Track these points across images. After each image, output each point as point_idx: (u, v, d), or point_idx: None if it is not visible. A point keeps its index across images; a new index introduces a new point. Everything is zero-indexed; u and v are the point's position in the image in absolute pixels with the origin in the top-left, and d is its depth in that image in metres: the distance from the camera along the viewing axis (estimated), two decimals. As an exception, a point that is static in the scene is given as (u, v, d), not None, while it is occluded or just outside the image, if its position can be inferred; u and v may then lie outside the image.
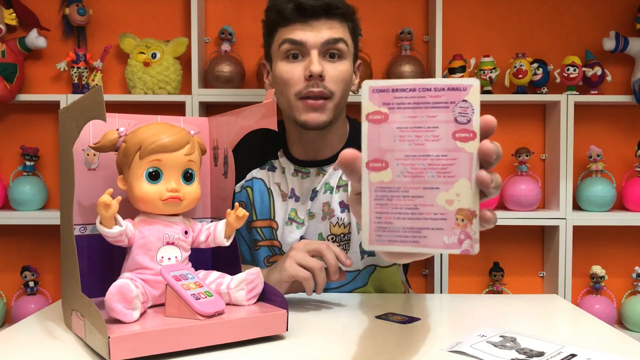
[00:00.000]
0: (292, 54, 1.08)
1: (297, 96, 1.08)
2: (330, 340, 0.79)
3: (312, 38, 1.06)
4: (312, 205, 1.15)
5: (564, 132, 1.73)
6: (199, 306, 0.73)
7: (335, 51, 1.08)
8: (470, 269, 1.90)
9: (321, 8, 1.06)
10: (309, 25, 1.07)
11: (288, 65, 1.08)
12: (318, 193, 1.15)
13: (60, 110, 0.84)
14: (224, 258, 0.94)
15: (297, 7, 1.06)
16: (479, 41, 1.88)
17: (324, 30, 1.07)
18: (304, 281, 0.92)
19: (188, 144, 0.82)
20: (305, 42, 1.06)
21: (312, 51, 1.06)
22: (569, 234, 1.73)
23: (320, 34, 1.06)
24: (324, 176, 1.16)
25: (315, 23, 1.07)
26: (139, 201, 0.80)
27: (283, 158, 1.19)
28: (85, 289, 0.75)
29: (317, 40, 1.06)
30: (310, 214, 1.15)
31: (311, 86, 1.06)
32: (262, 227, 1.17)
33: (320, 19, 1.07)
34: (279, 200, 1.17)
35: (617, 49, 1.79)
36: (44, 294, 1.84)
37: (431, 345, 0.77)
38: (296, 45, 1.07)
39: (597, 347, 0.76)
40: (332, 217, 1.13)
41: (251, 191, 1.19)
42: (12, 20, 1.74)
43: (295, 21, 1.07)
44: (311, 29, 1.07)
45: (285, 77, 1.08)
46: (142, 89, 1.72)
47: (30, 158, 1.78)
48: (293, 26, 1.08)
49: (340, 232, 1.13)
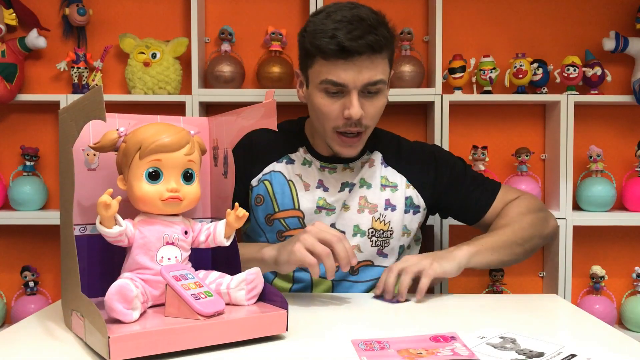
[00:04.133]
0: (332, 91, 1.09)
1: (334, 130, 1.12)
2: (330, 340, 0.79)
3: (352, 80, 1.06)
4: (348, 197, 1.20)
5: (564, 132, 1.73)
6: (199, 306, 0.74)
7: (375, 90, 1.09)
8: (471, 269, 1.90)
9: (364, 48, 1.04)
10: (351, 63, 1.05)
11: (327, 99, 1.10)
12: (355, 186, 1.21)
13: (60, 110, 0.84)
14: (224, 258, 0.94)
15: (340, 48, 1.04)
16: (479, 41, 1.88)
17: (364, 70, 1.06)
18: (310, 267, 0.94)
19: (188, 144, 0.82)
20: (346, 84, 1.06)
21: (352, 91, 1.07)
22: (569, 234, 1.73)
23: (361, 75, 1.06)
24: (353, 171, 1.22)
25: (358, 62, 1.05)
26: (139, 201, 0.80)
27: (307, 154, 1.24)
28: (85, 289, 0.75)
29: (357, 82, 1.06)
30: (345, 205, 1.19)
31: (349, 125, 1.10)
32: (285, 218, 1.20)
33: (363, 55, 1.05)
34: (302, 190, 1.20)
35: (617, 49, 1.79)
36: (44, 294, 1.84)
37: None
38: (337, 86, 1.07)
39: (597, 347, 0.76)
40: (375, 211, 1.19)
41: (270, 184, 1.21)
42: (12, 20, 1.74)
43: (337, 58, 1.05)
44: (353, 67, 1.05)
45: (324, 111, 1.10)
46: (142, 89, 1.72)
47: (30, 158, 1.78)
48: (334, 62, 1.06)
49: (380, 227, 1.19)
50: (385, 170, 1.24)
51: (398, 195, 1.22)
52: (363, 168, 1.23)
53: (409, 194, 1.22)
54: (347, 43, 1.03)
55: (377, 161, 1.24)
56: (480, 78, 1.77)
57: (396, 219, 1.20)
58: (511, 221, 1.19)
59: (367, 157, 1.24)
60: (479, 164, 1.77)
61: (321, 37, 1.05)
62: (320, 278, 1.16)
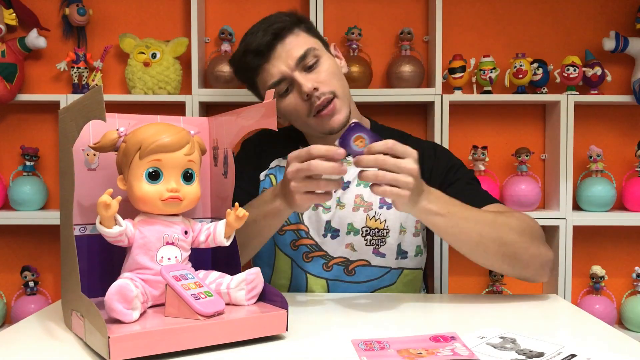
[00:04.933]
0: (284, 90, 1.14)
1: (308, 117, 1.14)
2: (330, 340, 0.79)
3: (282, 67, 1.12)
4: (342, 195, 1.19)
5: (564, 132, 1.73)
6: (199, 306, 0.74)
7: (311, 60, 1.13)
8: (470, 269, 1.90)
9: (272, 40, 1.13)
10: (272, 58, 1.13)
11: (286, 100, 1.15)
12: (351, 184, 1.19)
13: (60, 110, 0.84)
14: (224, 258, 0.94)
15: (256, 53, 1.14)
16: (479, 41, 1.88)
17: (284, 54, 1.12)
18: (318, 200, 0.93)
19: (188, 144, 0.82)
20: (283, 74, 1.12)
21: (294, 75, 1.12)
22: (569, 234, 1.73)
23: (287, 59, 1.12)
24: (348, 167, 1.17)
25: (276, 53, 1.13)
26: (139, 201, 0.80)
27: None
28: (85, 289, 0.75)
29: (290, 65, 1.12)
30: (340, 203, 1.18)
31: (314, 102, 1.12)
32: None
33: (276, 47, 1.13)
34: None
35: (617, 49, 1.79)
36: (44, 294, 1.84)
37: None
38: (281, 84, 1.13)
39: (597, 347, 0.76)
40: (369, 209, 1.17)
41: (275, 178, 1.23)
42: (12, 20, 1.74)
43: (262, 64, 1.14)
44: (276, 60, 1.13)
45: (290, 110, 1.15)
46: (142, 89, 1.72)
47: (30, 158, 1.78)
48: (264, 67, 1.14)
49: (375, 226, 1.17)
50: None
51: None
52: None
53: None
54: (255, 47, 1.13)
55: None
56: (480, 78, 1.77)
57: (392, 217, 1.17)
58: (500, 218, 1.04)
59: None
60: (479, 164, 1.77)
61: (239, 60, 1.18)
62: (315, 277, 1.17)
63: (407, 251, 1.20)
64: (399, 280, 1.19)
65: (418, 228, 1.21)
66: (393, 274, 1.18)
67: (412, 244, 1.20)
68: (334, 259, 1.17)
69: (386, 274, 1.18)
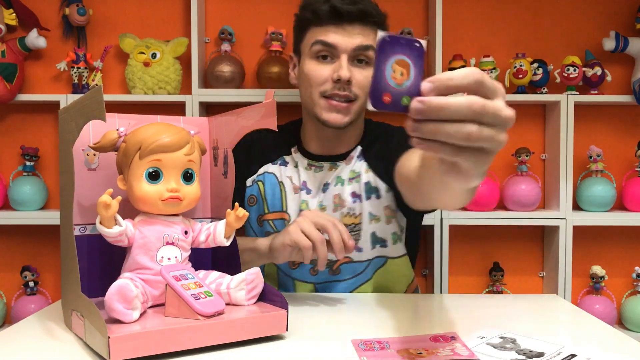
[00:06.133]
0: (322, 55, 1.12)
1: (321, 94, 1.12)
2: (330, 340, 0.79)
3: (343, 42, 1.10)
4: (323, 197, 1.18)
5: (564, 132, 1.73)
6: (199, 306, 0.74)
7: (364, 58, 1.11)
8: (470, 269, 1.90)
9: (356, 14, 1.09)
10: (342, 28, 1.10)
11: (317, 64, 1.12)
12: (329, 185, 1.18)
13: (60, 110, 0.84)
14: (224, 258, 0.94)
15: (332, 9, 1.10)
16: (479, 41, 1.88)
17: (355, 35, 1.10)
18: (303, 249, 0.93)
19: (188, 144, 0.82)
20: (337, 45, 1.10)
21: (342, 55, 1.10)
22: (569, 234, 1.73)
23: (352, 39, 1.10)
24: (336, 170, 1.19)
25: (349, 27, 1.10)
26: (139, 201, 0.80)
27: (297, 154, 1.23)
28: (85, 289, 0.75)
29: (348, 45, 1.10)
30: (321, 206, 1.17)
31: (337, 89, 1.10)
32: (273, 220, 1.19)
33: (354, 23, 1.10)
34: (291, 193, 1.19)
35: (617, 49, 1.79)
36: (44, 294, 1.84)
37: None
38: (328, 48, 1.11)
39: (597, 347, 0.76)
40: (343, 207, 1.16)
41: (262, 185, 1.21)
42: (12, 20, 1.74)
43: (329, 23, 1.11)
44: (344, 32, 1.10)
45: (313, 75, 1.12)
46: (142, 89, 1.72)
47: (30, 158, 1.78)
48: (327, 27, 1.11)
49: (351, 222, 1.15)
50: (359, 162, 1.19)
51: (361, 184, 1.17)
52: (345, 165, 1.19)
53: (367, 179, 1.17)
54: (339, 5, 1.08)
55: (355, 155, 1.20)
56: (480, 78, 1.77)
57: (362, 208, 1.15)
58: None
59: (351, 154, 1.20)
60: (479, 164, 1.77)
61: (316, 2, 1.12)
62: (302, 282, 1.17)
63: (385, 239, 1.16)
64: (377, 274, 1.17)
65: (388, 215, 1.17)
66: (370, 269, 1.16)
67: (387, 231, 1.17)
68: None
69: (365, 269, 1.17)
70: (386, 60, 0.52)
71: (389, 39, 0.52)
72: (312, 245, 0.93)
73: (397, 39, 0.52)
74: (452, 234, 1.80)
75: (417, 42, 0.53)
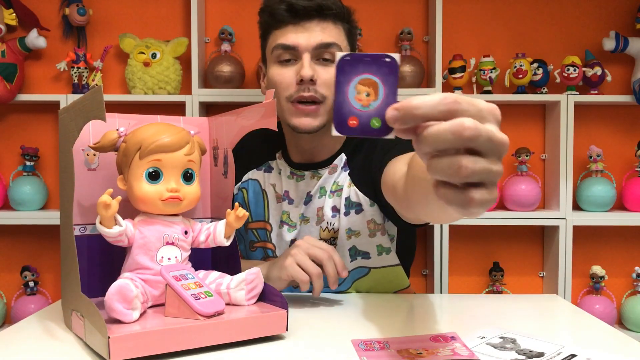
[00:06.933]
0: (285, 59, 1.07)
1: (288, 100, 1.06)
2: (330, 340, 0.79)
3: (304, 41, 1.05)
4: (306, 209, 1.14)
5: (564, 132, 1.73)
6: (199, 306, 0.73)
7: (329, 56, 1.06)
8: (470, 269, 1.90)
9: (313, 9, 1.05)
10: (302, 27, 1.05)
11: (280, 69, 1.07)
12: (313, 197, 1.14)
13: (60, 110, 0.84)
14: (224, 258, 0.94)
15: (289, 7, 1.05)
16: (479, 41, 1.88)
17: (316, 32, 1.05)
18: (300, 283, 0.93)
19: (188, 144, 0.82)
20: (297, 46, 1.05)
21: (303, 55, 1.05)
22: (569, 234, 1.73)
23: (313, 37, 1.05)
24: (319, 180, 1.14)
25: (308, 25, 1.05)
26: (139, 201, 0.80)
27: (281, 160, 1.19)
28: (85, 289, 0.75)
29: (309, 44, 1.05)
30: (304, 218, 1.14)
31: (302, 90, 1.04)
32: (256, 229, 1.18)
33: (313, 20, 1.05)
34: (274, 202, 1.17)
35: (617, 49, 1.79)
36: (44, 294, 1.84)
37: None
38: (289, 50, 1.06)
39: (597, 347, 0.76)
40: (322, 221, 1.12)
41: (246, 192, 1.19)
42: (12, 20, 1.74)
43: (287, 23, 1.06)
44: (304, 30, 1.05)
45: (277, 80, 1.07)
46: (142, 89, 1.72)
47: (30, 158, 1.78)
48: (285, 29, 1.06)
49: (329, 236, 1.12)
50: (344, 174, 1.14)
51: (342, 199, 1.12)
52: (328, 175, 1.14)
53: (347, 194, 1.11)
54: (295, 1, 1.04)
55: (340, 165, 1.14)
56: (480, 78, 1.77)
57: (340, 224, 1.11)
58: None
59: (334, 162, 1.16)
60: (479, 164, 1.77)
61: (272, 3, 1.07)
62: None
63: (368, 252, 1.12)
64: (356, 285, 1.13)
65: (372, 229, 1.12)
66: (353, 275, 1.13)
67: (370, 244, 1.12)
68: None
69: (343, 281, 1.13)
70: (348, 81, 0.49)
71: (348, 58, 0.49)
72: (309, 279, 0.93)
73: (360, 57, 0.49)
74: (452, 234, 1.81)
75: (387, 57, 0.49)
